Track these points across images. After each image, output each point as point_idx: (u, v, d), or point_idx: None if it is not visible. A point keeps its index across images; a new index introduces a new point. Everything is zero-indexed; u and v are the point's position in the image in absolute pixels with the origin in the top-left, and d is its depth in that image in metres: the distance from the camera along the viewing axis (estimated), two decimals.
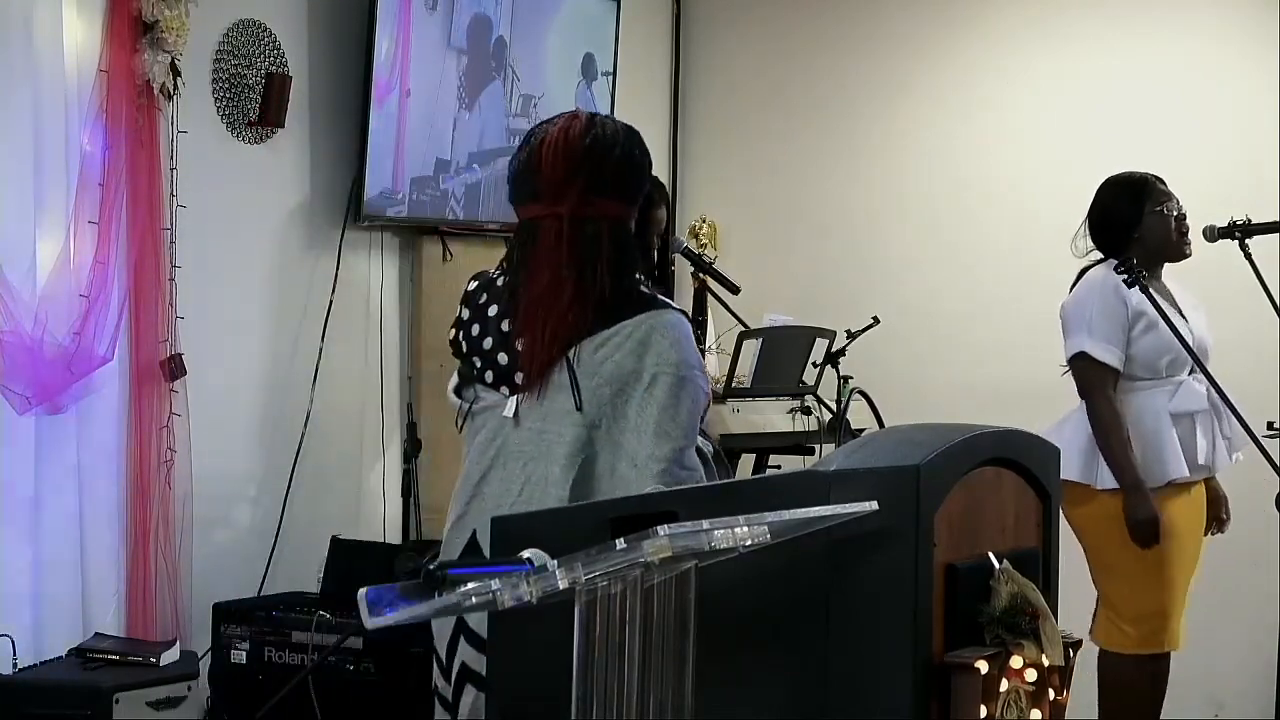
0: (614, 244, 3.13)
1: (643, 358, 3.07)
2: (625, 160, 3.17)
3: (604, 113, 3.41)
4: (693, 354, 3.10)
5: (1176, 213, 4.64)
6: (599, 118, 3.24)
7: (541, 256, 3.13)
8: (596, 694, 2.43)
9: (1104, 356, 4.52)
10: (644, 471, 3.06)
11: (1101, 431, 4.50)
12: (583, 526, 2.89)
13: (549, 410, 3.13)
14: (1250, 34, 6.03)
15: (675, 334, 3.09)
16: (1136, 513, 4.44)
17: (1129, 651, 4.57)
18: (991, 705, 2.76)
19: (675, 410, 3.06)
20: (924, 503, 2.74)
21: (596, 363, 3.08)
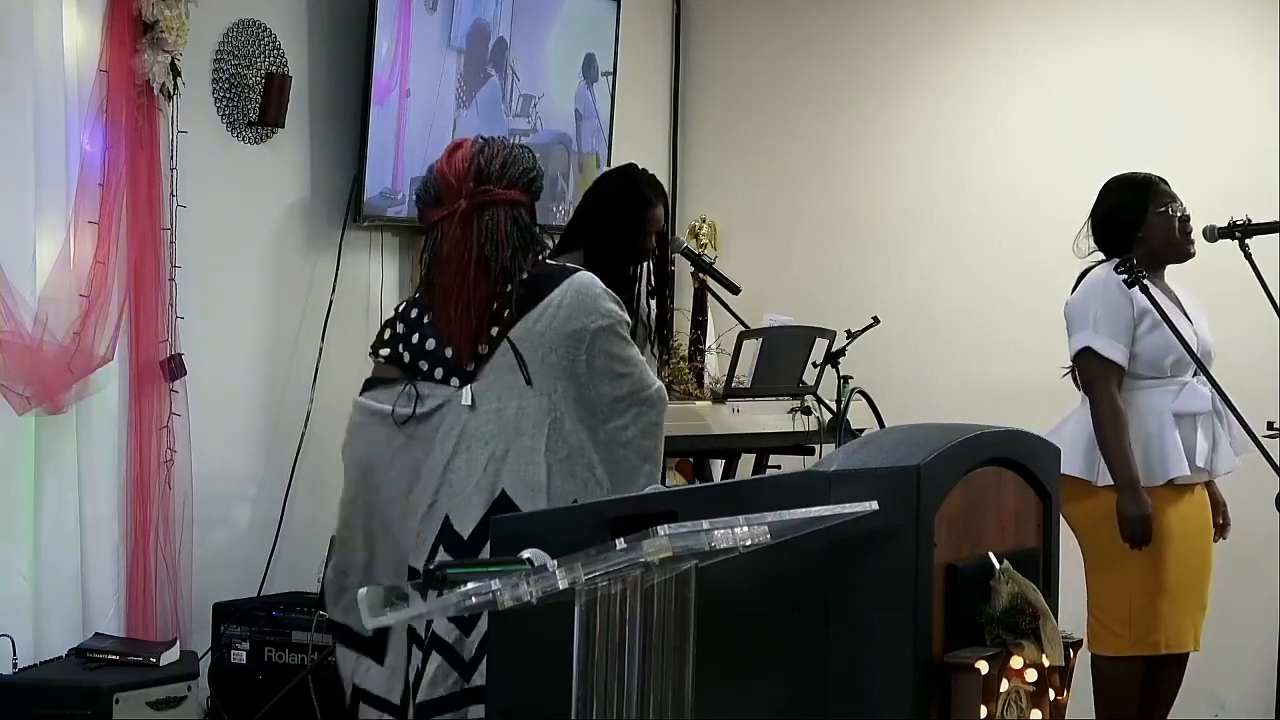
0: (514, 225, 3.53)
1: (575, 318, 3.44)
2: (508, 160, 3.58)
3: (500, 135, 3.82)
4: (614, 302, 3.52)
5: (1180, 214, 4.64)
6: (485, 137, 3.69)
7: (448, 249, 3.54)
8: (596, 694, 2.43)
9: (1108, 352, 4.52)
10: (615, 409, 3.45)
11: (1102, 427, 4.49)
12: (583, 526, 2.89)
13: (502, 389, 3.46)
14: (1250, 34, 6.03)
15: (595, 289, 3.50)
16: (1129, 509, 4.44)
17: (1120, 653, 4.56)
18: (991, 705, 2.76)
19: (622, 348, 3.46)
20: (924, 503, 2.74)
21: (537, 335, 3.44)
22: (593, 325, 3.44)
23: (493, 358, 3.48)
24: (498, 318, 3.48)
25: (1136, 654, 4.57)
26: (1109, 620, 4.56)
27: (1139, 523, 4.43)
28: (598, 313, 3.45)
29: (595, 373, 3.43)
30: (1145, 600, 4.53)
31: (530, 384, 3.41)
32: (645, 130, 6.87)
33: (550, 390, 3.42)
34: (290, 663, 4.82)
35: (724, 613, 2.66)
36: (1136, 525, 4.44)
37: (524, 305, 3.46)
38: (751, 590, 2.74)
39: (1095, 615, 4.58)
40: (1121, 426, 4.48)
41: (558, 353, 3.42)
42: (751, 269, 6.33)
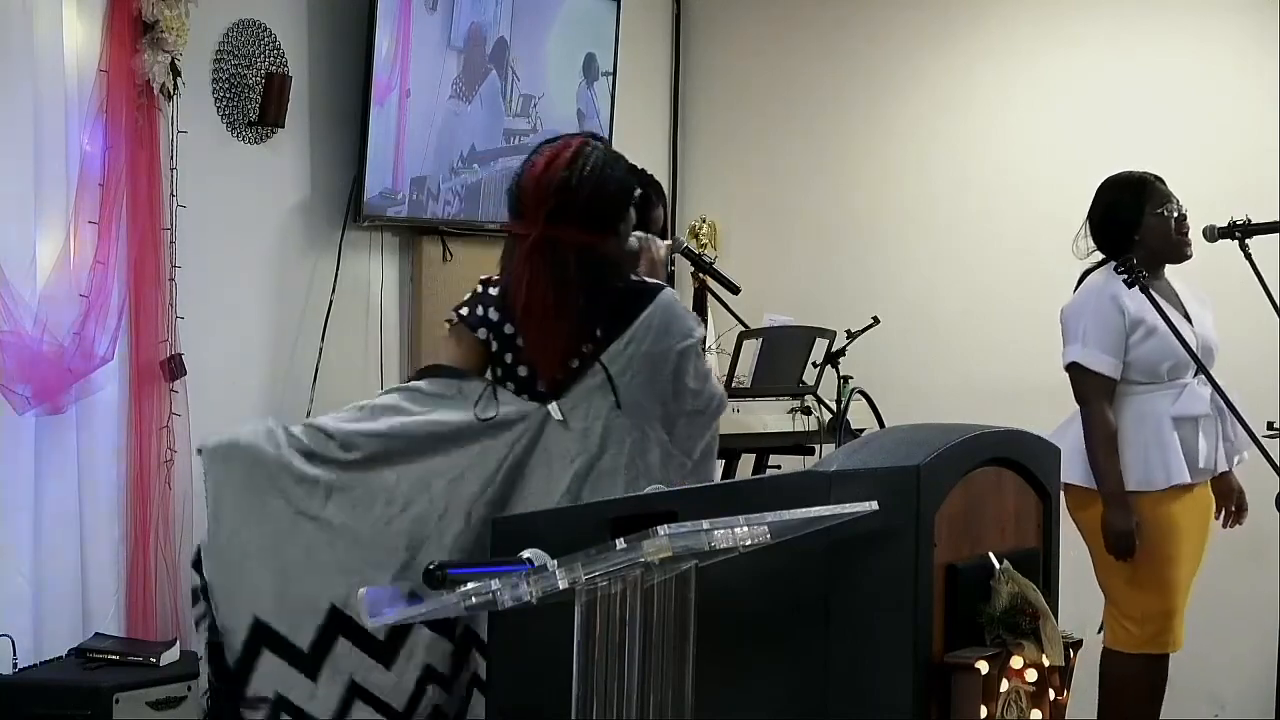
0: (581, 267, 3.45)
1: (662, 339, 3.45)
2: (594, 197, 3.48)
3: (599, 140, 3.63)
4: (694, 320, 3.57)
5: (1177, 214, 4.64)
6: (587, 150, 3.52)
7: (518, 272, 3.48)
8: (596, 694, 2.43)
9: (1097, 366, 4.53)
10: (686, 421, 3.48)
11: (1090, 440, 4.51)
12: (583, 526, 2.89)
13: (590, 409, 3.45)
14: (1250, 35, 6.02)
15: (678, 309, 3.53)
16: (1114, 524, 4.46)
17: (1134, 651, 4.58)
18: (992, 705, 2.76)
19: (699, 365, 3.52)
20: (924, 503, 2.74)
21: (626, 357, 3.44)
22: (678, 346, 3.47)
23: (584, 378, 3.46)
24: (586, 339, 3.46)
25: (1149, 651, 4.58)
26: (1124, 619, 4.57)
27: (1124, 537, 4.46)
28: (682, 333, 3.48)
29: (677, 392, 3.47)
30: (1158, 601, 4.54)
31: (619, 406, 3.43)
32: (645, 130, 6.87)
33: (634, 410, 3.44)
34: None
35: (724, 613, 2.66)
36: (1121, 539, 4.46)
37: (614, 327, 3.45)
38: (751, 590, 2.75)
39: (1110, 614, 4.59)
40: (1110, 441, 4.49)
41: (645, 374, 3.44)
42: (751, 269, 6.32)
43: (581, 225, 3.46)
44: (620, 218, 3.54)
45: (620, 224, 3.55)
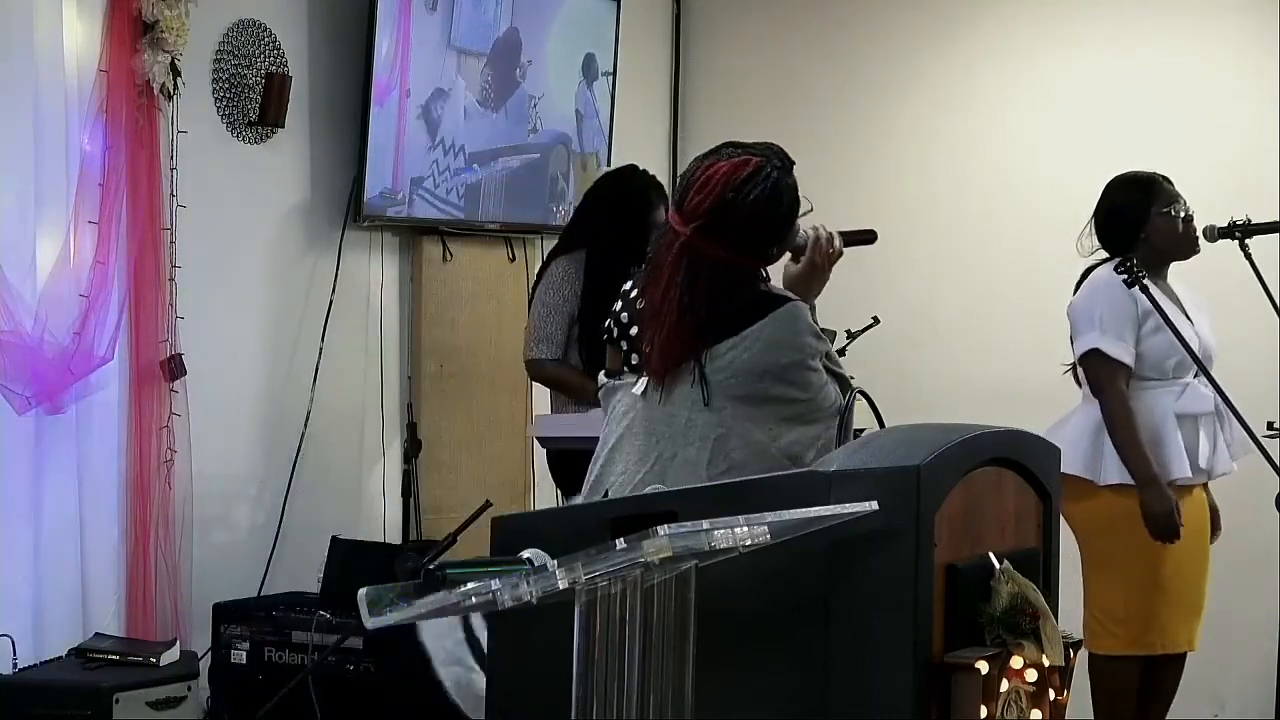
0: (712, 281, 3.44)
1: (768, 353, 3.42)
2: (751, 222, 3.49)
3: (781, 160, 3.68)
4: (813, 335, 3.50)
5: (1184, 214, 4.64)
6: (762, 175, 3.57)
7: (661, 263, 3.50)
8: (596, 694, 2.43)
9: (1116, 352, 4.51)
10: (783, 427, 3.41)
11: (1116, 427, 4.48)
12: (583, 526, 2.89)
13: (680, 397, 3.45)
14: (1250, 35, 6.03)
15: (796, 324, 3.47)
16: (1154, 506, 4.42)
17: (1118, 653, 4.57)
18: (992, 705, 2.76)
19: (806, 379, 3.45)
20: (924, 503, 2.74)
21: (726, 361, 3.42)
22: (783, 360, 3.44)
23: (684, 372, 3.48)
24: (702, 348, 3.47)
25: (1133, 654, 4.57)
26: (1106, 620, 4.56)
27: (1165, 518, 4.42)
28: (792, 347, 3.45)
29: (772, 399, 3.43)
30: (1141, 601, 4.54)
31: (707, 404, 3.43)
32: (645, 130, 6.87)
33: (722, 408, 3.42)
34: (290, 663, 4.82)
35: (724, 613, 2.66)
36: (1162, 521, 4.42)
37: (723, 332, 3.45)
38: (751, 590, 2.74)
39: (1092, 614, 4.58)
40: (1134, 425, 4.47)
41: (739, 378, 3.42)
42: None
43: (728, 245, 3.46)
44: (771, 245, 3.56)
45: (772, 249, 3.57)
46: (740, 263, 3.48)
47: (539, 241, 6.18)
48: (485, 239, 6.00)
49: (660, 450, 3.47)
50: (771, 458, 3.43)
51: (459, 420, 5.92)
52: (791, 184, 3.62)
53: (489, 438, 6.00)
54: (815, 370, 3.50)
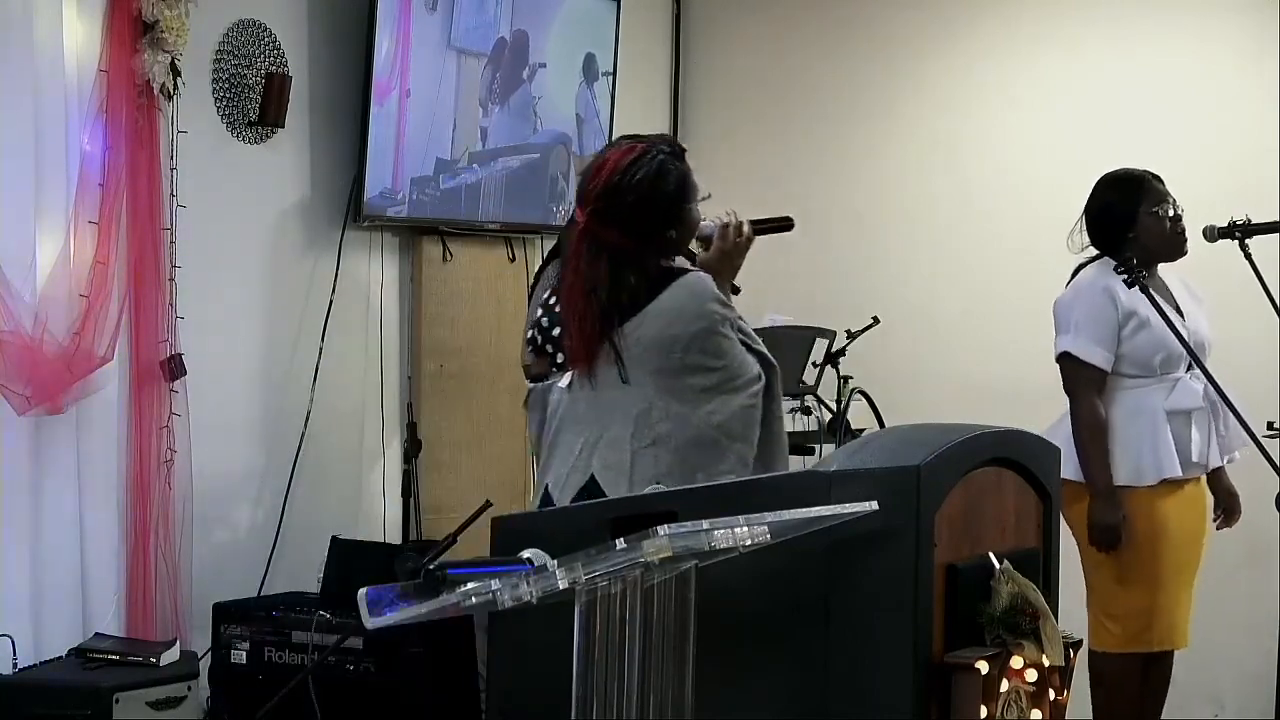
0: (611, 263, 3.57)
1: (675, 323, 3.52)
2: (640, 202, 3.60)
3: (669, 146, 3.75)
4: (717, 302, 3.58)
5: (1172, 213, 4.65)
6: (651, 155, 3.66)
7: (569, 255, 3.65)
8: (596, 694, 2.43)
9: (1088, 356, 4.54)
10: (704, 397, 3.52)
11: (1080, 432, 4.52)
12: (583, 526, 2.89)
13: (601, 382, 3.58)
14: (1250, 35, 6.03)
15: (699, 292, 3.57)
16: (1102, 517, 4.48)
17: (1115, 650, 4.58)
18: (991, 705, 2.76)
19: (718, 346, 3.54)
20: (924, 503, 2.74)
21: (635, 338, 3.54)
22: (691, 329, 3.54)
23: (599, 353, 3.61)
24: (611, 330, 3.58)
25: (1132, 650, 4.58)
26: (1105, 617, 4.58)
27: (1109, 530, 4.48)
28: (696, 315, 3.55)
29: (687, 369, 3.53)
30: (1140, 597, 4.55)
31: (626, 381, 3.54)
32: (645, 130, 6.81)
33: (642, 384, 3.53)
34: (290, 663, 4.82)
35: (724, 613, 2.66)
36: (1106, 533, 4.48)
37: (628, 310, 3.56)
38: (751, 590, 2.74)
39: (1093, 611, 4.60)
40: (1100, 433, 4.50)
41: (653, 352, 3.53)
42: (751, 269, 6.31)
43: (621, 228, 3.58)
44: (663, 227, 3.63)
45: (665, 232, 3.64)
46: (633, 246, 3.58)
47: (539, 241, 6.18)
48: (485, 239, 6.00)
49: (588, 435, 3.59)
50: (696, 429, 3.52)
51: (459, 420, 5.92)
52: (680, 168, 3.69)
53: (489, 438, 6.00)
54: (726, 338, 3.57)
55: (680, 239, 3.69)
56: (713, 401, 3.53)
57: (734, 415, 3.55)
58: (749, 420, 3.56)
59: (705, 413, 3.53)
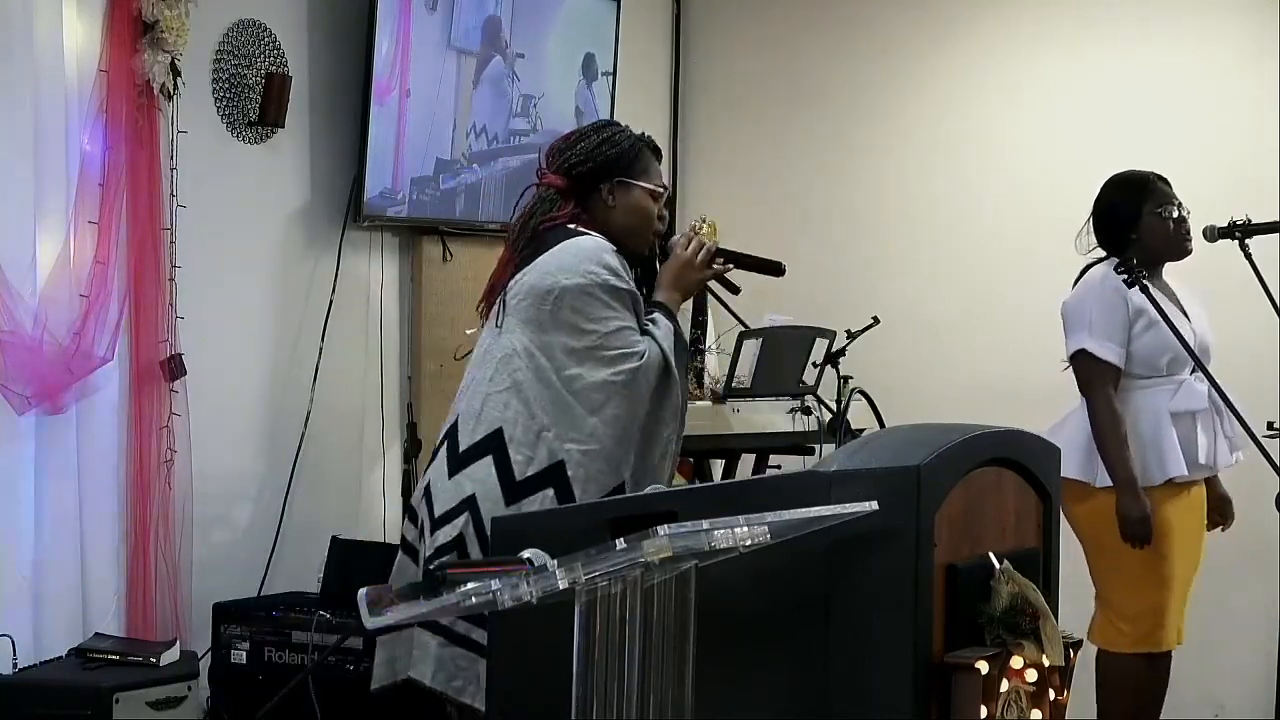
0: (538, 203, 3.69)
1: (553, 275, 3.55)
2: (583, 153, 3.70)
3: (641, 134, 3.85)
4: (602, 266, 3.56)
5: (1176, 214, 4.65)
6: (612, 128, 3.80)
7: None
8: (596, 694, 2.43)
9: (1104, 354, 4.54)
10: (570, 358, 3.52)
11: (1099, 429, 4.51)
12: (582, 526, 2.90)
13: (488, 327, 3.68)
14: (1251, 35, 6.03)
15: (585, 251, 3.58)
16: (1129, 511, 4.46)
17: (1126, 650, 4.58)
18: (992, 705, 2.76)
19: (593, 308, 3.53)
20: (924, 503, 2.74)
21: (517, 285, 3.61)
22: (565, 282, 3.54)
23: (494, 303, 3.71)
24: (504, 275, 3.70)
25: (1142, 650, 4.59)
26: (1117, 618, 4.58)
27: (1139, 523, 4.45)
28: (577, 271, 3.54)
29: (558, 324, 3.53)
30: (1150, 598, 4.55)
31: (499, 327, 3.61)
32: (645, 130, 6.83)
33: (513, 331, 3.58)
34: (290, 663, 4.82)
35: (724, 613, 2.66)
36: (1136, 526, 4.45)
37: (524, 262, 3.63)
38: (751, 590, 2.74)
39: (1102, 612, 4.60)
40: (1118, 428, 4.50)
41: (528, 302, 3.57)
42: None
43: (557, 170, 3.69)
44: (596, 181, 3.68)
45: (598, 186, 3.68)
46: (564, 188, 3.66)
47: None
48: (485, 239, 5.99)
49: (466, 379, 3.68)
50: (553, 386, 3.53)
51: None
52: (636, 145, 3.76)
53: None
54: (605, 304, 3.55)
55: (617, 207, 3.69)
56: (578, 365, 3.52)
57: (594, 386, 3.51)
58: (610, 396, 3.52)
59: (566, 375, 3.52)
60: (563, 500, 3.48)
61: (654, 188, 3.73)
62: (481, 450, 3.57)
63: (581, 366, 3.52)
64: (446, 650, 3.55)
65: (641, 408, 3.56)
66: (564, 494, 3.49)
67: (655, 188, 3.72)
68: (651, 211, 3.73)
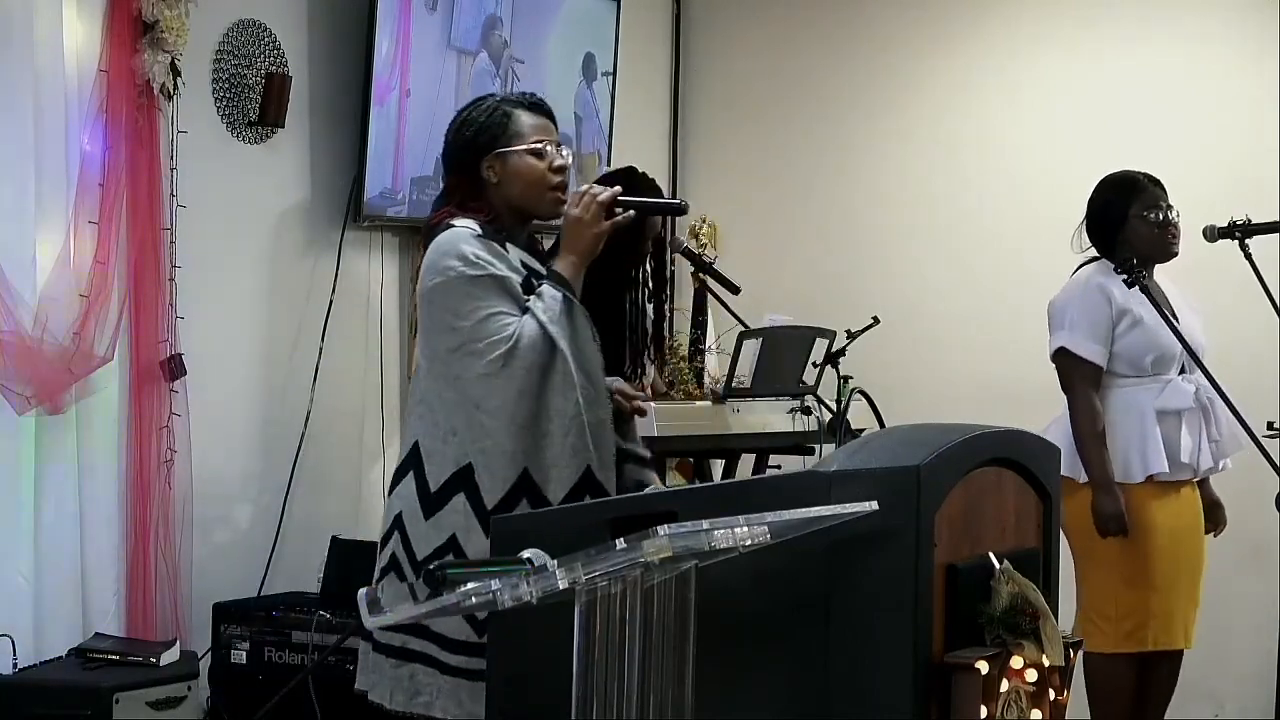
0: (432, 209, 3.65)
1: (423, 278, 3.50)
2: (447, 147, 3.63)
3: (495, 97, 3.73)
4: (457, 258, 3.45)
5: (1162, 217, 4.66)
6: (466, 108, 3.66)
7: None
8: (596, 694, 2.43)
9: (1084, 352, 4.57)
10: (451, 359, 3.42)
11: (1077, 426, 4.54)
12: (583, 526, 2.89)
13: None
14: (1250, 35, 6.03)
15: (441, 247, 3.48)
16: (1103, 507, 4.50)
17: (1109, 650, 4.58)
18: (992, 705, 2.76)
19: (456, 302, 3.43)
20: (924, 503, 2.74)
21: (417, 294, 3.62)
22: (429, 283, 3.46)
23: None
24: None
25: (1125, 650, 4.59)
26: (1096, 616, 4.59)
27: (1112, 520, 4.50)
28: (436, 270, 3.46)
29: (436, 327, 3.46)
30: (1132, 596, 4.56)
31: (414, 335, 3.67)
32: (645, 130, 6.87)
33: (420, 343, 3.57)
34: (290, 663, 4.83)
35: (724, 613, 2.66)
36: (1110, 522, 4.50)
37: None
38: (751, 590, 2.74)
39: (1084, 611, 4.60)
40: (1096, 426, 4.53)
41: (419, 312, 3.57)
42: (751, 269, 6.32)
43: (446, 172, 3.64)
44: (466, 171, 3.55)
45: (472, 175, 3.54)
46: (453, 184, 3.59)
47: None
48: None
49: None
50: (449, 390, 3.43)
51: None
52: (488, 107, 3.59)
53: None
54: (466, 295, 3.42)
55: (502, 181, 3.53)
56: (459, 364, 3.41)
57: (474, 381, 3.40)
58: (490, 390, 3.39)
59: (453, 377, 3.42)
60: (474, 504, 3.39)
61: (529, 147, 3.53)
62: (405, 468, 3.52)
63: (461, 365, 3.41)
64: (403, 669, 3.47)
65: (523, 391, 3.40)
66: (474, 497, 3.40)
67: (531, 146, 3.53)
68: (538, 170, 3.53)
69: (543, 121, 3.60)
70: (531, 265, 3.53)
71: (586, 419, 3.43)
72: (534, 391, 3.40)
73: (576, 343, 3.45)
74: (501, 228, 3.53)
